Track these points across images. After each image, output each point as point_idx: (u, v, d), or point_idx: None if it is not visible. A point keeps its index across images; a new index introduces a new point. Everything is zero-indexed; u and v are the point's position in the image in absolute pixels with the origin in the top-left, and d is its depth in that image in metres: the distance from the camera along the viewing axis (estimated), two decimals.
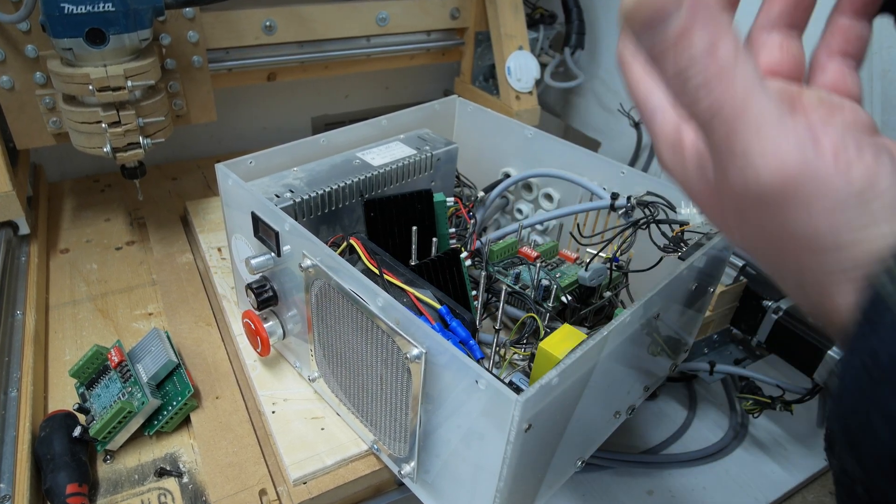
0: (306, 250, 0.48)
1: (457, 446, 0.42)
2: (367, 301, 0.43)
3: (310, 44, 0.90)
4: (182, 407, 0.54)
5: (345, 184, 0.60)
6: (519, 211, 0.77)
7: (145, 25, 0.63)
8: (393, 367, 0.44)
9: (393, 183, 0.65)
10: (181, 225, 0.82)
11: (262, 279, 0.56)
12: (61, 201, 0.86)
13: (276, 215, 0.50)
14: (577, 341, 0.45)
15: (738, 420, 0.79)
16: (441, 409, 0.42)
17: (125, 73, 0.60)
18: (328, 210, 0.60)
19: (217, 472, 0.51)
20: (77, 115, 0.62)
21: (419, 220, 0.61)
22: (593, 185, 0.63)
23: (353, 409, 0.53)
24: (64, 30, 0.58)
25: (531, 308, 0.58)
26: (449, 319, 0.45)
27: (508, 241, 0.66)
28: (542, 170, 0.69)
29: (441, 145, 0.69)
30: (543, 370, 0.46)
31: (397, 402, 0.46)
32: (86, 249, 0.77)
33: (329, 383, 0.55)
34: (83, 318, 0.67)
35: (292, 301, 0.54)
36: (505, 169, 0.75)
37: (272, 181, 0.59)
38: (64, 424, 0.51)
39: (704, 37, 0.19)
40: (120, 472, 0.52)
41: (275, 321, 0.56)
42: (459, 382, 0.39)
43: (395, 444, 0.48)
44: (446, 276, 0.55)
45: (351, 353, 0.49)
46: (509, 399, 0.35)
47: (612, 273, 0.59)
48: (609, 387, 0.50)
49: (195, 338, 0.64)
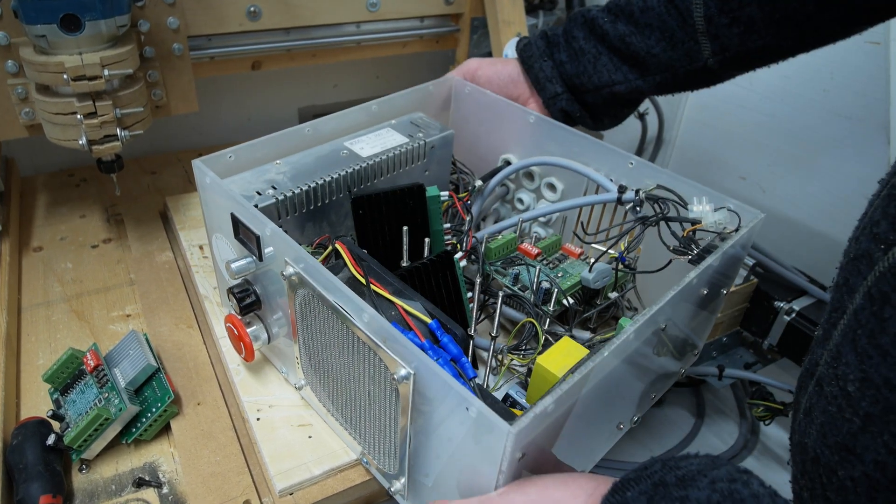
0: (288, 257, 0.48)
1: (448, 469, 0.43)
2: (352, 316, 0.43)
3: (297, 30, 0.90)
4: (162, 414, 0.54)
5: (331, 178, 0.60)
6: (520, 201, 0.76)
7: (123, 11, 0.63)
8: (380, 384, 0.44)
9: (383, 175, 0.64)
10: (161, 221, 0.82)
11: (245, 283, 0.56)
12: (34, 197, 0.87)
13: (257, 218, 0.50)
14: (576, 358, 0.45)
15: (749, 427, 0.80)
16: (431, 431, 0.42)
17: (101, 62, 0.61)
18: (314, 207, 0.60)
19: (199, 482, 0.52)
20: (51, 105, 0.63)
21: (411, 217, 0.61)
22: (600, 177, 0.63)
23: (342, 420, 0.53)
24: (37, 16, 0.58)
25: (530, 312, 0.58)
26: (440, 335, 0.45)
27: (507, 237, 0.66)
28: (544, 158, 0.68)
29: (435, 132, 0.68)
30: (540, 388, 0.46)
31: (385, 420, 0.46)
32: (60, 247, 0.77)
33: (316, 392, 0.55)
34: (57, 320, 0.67)
35: (277, 304, 0.54)
36: (505, 156, 0.75)
37: (253, 176, 0.59)
38: (37, 432, 0.51)
39: None
40: (96, 483, 0.52)
41: (259, 325, 0.56)
42: (449, 407, 0.39)
43: (384, 459, 0.49)
44: (439, 281, 0.55)
45: (337, 366, 0.49)
46: (501, 430, 0.35)
47: (617, 273, 0.59)
48: (610, 400, 0.50)
49: (175, 341, 0.64)
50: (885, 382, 0.33)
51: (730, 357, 0.77)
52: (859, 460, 0.34)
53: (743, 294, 0.73)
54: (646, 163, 0.61)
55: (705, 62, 0.62)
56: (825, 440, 0.37)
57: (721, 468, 0.33)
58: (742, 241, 0.53)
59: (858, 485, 0.34)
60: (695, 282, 0.48)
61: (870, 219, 0.39)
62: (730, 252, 0.52)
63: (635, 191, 0.59)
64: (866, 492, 0.34)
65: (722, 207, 0.55)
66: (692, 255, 0.52)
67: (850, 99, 0.81)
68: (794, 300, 0.71)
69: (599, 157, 0.64)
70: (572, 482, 0.36)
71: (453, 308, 0.56)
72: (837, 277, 0.41)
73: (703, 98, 1.01)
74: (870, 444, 0.33)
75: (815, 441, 0.38)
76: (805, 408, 0.41)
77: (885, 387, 0.33)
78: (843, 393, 0.36)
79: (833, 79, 0.82)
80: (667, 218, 0.56)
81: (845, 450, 0.35)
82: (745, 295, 0.74)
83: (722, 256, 0.51)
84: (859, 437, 0.34)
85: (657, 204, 0.57)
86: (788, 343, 0.72)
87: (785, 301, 0.71)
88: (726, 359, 0.76)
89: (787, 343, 0.72)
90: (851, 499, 0.35)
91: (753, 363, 0.76)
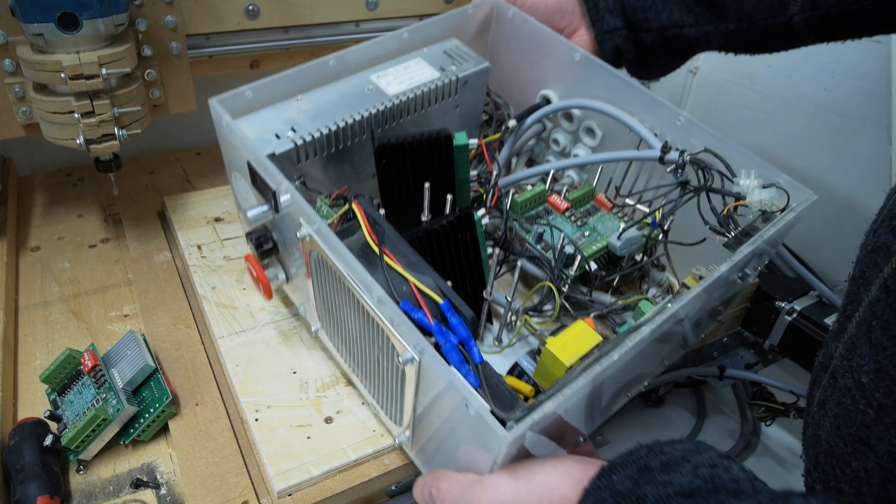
0: (302, 219, 0.47)
1: (448, 440, 0.43)
2: (362, 291, 0.43)
3: (295, 29, 0.90)
4: (160, 414, 0.54)
5: (353, 119, 0.56)
6: (555, 142, 0.72)
7: (121, 10, 0.63)
8: (388, 357, 0.45)
9: (410, 114, 0.60)
10: (159, 221, 0.82)
11: (263, 228, 0.54)
12: (32, 196, 0.87)
13: (272, 175, 0.48)
14: (588, 346, 0.45)
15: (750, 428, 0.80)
16: (435, 410, 0.43)
17: (99, 61, 0.61)
18: (335, 150, 0.57)
19: (197, 483, 0.52)
20: (48, 104, 0.63)
21: (437, 167, 0.57)
22: (644, 130, 0.58)
23: (354, 368, 0.53)
24: (34, 14, 0.58)
25: (549, 276, 0.56)
26: (450, 316, 0.45)
27: (536, 190, 0.62)
28: (587, 101, 0.62)
29: (470, 64, 0.63)
30: (548, 371, 0.46)
31: (393, 384, 0.46)
32: (58, 247, 0.77)
33: (332, 337, 0.55)
34: (55, 320, 0.67)
35: (295, 249, 0.53)
36: (545, 91, 0.69)
37: (273, 115, 0.56)
38: (34, 433, 0.51)
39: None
40: (94, 484, 0.52)
41: (277, 266, 0.56)
42: (451, 398, 0.39)
43: (392, 410, 0.50)
44: (458, 243, 0.53)
45: (349, 324, 0.49)
46: (497, 435, 0.35)
47: (648, 240, 0.56)
48: (617, 381, 0.49)
49: (174, 341, 0.64)
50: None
51: (731, 357, 0.77)
52: (873, 451, 0.34)
53: (744, 294, 0.73)
54: (696, 122, 0.56)
55: (790, 18, 0.57)
56: (839, 432, 0.37)
57: (704, 454, 0.33)
58: (786, 226, 0.49)
59: (872, 476, 0.34)
60: (726, 273, 0.45)
61: (889, 211, 0.39)
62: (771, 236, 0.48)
63: (680, 151, 0.54)
64: (880, 483, 0.34)
65: (772, 184, 0.51)
66: (729, 239, 0.48)
67: (851, 98, 0.81)
68: (795, 300, 0.71)
69: (646, 108, 0.60)
70: (561, 466, 0.37)
71: (472, 269, 0.54)
72: (854, 270, 0.41)
73: (703, 97, 1.01)
74: (883, 435, 0.34)
75: (828, 433, 0.38)
76: (819, 401, 0.41)
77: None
78: (857, 384, 0.36)
79: (834, 78, 0.82)
80: (710, 189, 0.52)
81: (859, 441, 0.35)
82: (747, 295, 0.74)
83: (759, 244, 0.47)
84: (873, 428, 0.34)
85: (701, 170, 0.53)
86: (790, 343, 0.72)
87: (786, 301, 0.71)
88: (727, 359, 0.76)
89: (789, 343, 0.72)
90: (865, 490, 0.35)
91: (754, 363, 0.76)
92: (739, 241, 0.47)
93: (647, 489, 0.31)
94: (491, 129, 0.71)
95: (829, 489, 0.39)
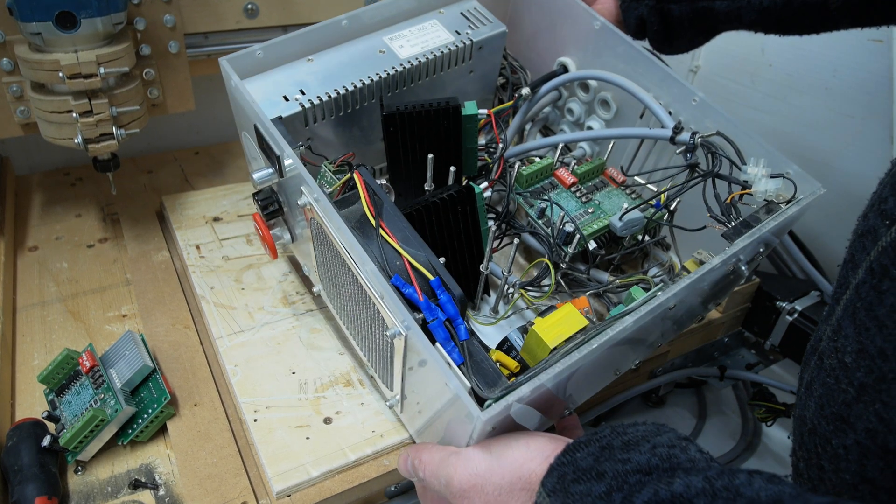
0: (303, 187, 0.48)
1: (432, 413, 0.46)
2: (356, 263, 0.44)
3: (294, 27, 0.90)
4: (158, 415, 0.55)
5: (363, 83, 0.56)
6: (570, 111, 0.71)
7: (119, 8, 0.63)
8: (379, 328, 0.46)
9: (422, 78, 0.60)
10: (157, 221, 0.82)
11: (269, 190, 0.55)
12: (29, 196, 0.87)
13: (277, 142, 0.48)
14: (573, 329, 0.46)
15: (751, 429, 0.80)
16: (420, 382, 0.45)
17: (97, 60, 0.61)
18: (343, 113, 0.57)
19: (195, 483, 0.52)
20: (46, 103, 0.63)
21: (444, 137, 0.57)
22: (659, 108, 0.57)
23: (351, 329, 0.55)
24: (32, 13, 0.58)
25: (546, 254, 0.56)
26: (439, 293, 0.46)
27: (543, 163, 0.62)
28: (605, 73, 0.62)
29: (486, 28, 0.62)
30: (533, 351, 0.47)
31: (384, 351, 0.48)
32: (56, 247, 0.77)
33: (331, 299, 0.56)
34: (53, 321, 0.67)
35: (299, 212, 0.53)
36: (562, 59, 0.68)
37: (283, 76, 0.56)
38: (32, 433, 0.51)
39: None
40: (92, 484, 0.52)
41: (283, 227, 0.57)
42: (434, 374, 0.41)
43: (383, 373, 0.51)
44: (458, 216, 0.53)
45: (345, 290, 0.50)
46: (472, 415, 0.37)
47: (650, 221, 0.56)
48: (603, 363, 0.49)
49: (172, 341, 0.64)
50: (879, 353, 0.34)
51: (731, 358, 0.77)
52: (852, 429, 0.36)
53: (745, 294, 0.73)
54: (711, 103, 0.56)
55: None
56: (822, 411, 0.39)
57: (664, 435, 0.35)
58: (788, 219, 0.49)
59: (850, 452, 0.36)
60: (718, 266, 0.45)
61: (878, 196, 0.40)
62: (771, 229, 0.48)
63: (692, 133, 0.54)
64: (857, 458, 0.36)
65: (780, 175, 0.50)
66: (728, 229, 0.49)
67: (852, 97, 0.81)
68: (796, 300, 0.71)
69: (663, 85, 0.59)
70: (534, 443, 0.39)
71: (470, 243, 0.55)
72: (845, 255, 0.42)
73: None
74: (862, 413, 0.35)
75: (813, 413, 0.40)
76: (806, 382, 0.42)
77: (880, 357, 0.34)
78: (840, 364, 0.37)
79: (835, 77, 0.82)
80: (717, 175, 0.51)
81: (840, 419, 0.37)
82: (747, 295, 0.74)
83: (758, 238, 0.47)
84: (853, 406, 0.36)
85: (711, 155, 0.52)
86: (791, 343, 0.72)
87: (787, 301, 0.71)
88: (728, 359, 0.76)
89: (790, 343, 0.72)
90: (843, 466, 0.37)
91: (755, 364, 0.76)
92: (739, 232, 0.47)
93: (606, 465, 0.33)
94: (507, 93, 0.71)
95: (812, 467, 0.40)
